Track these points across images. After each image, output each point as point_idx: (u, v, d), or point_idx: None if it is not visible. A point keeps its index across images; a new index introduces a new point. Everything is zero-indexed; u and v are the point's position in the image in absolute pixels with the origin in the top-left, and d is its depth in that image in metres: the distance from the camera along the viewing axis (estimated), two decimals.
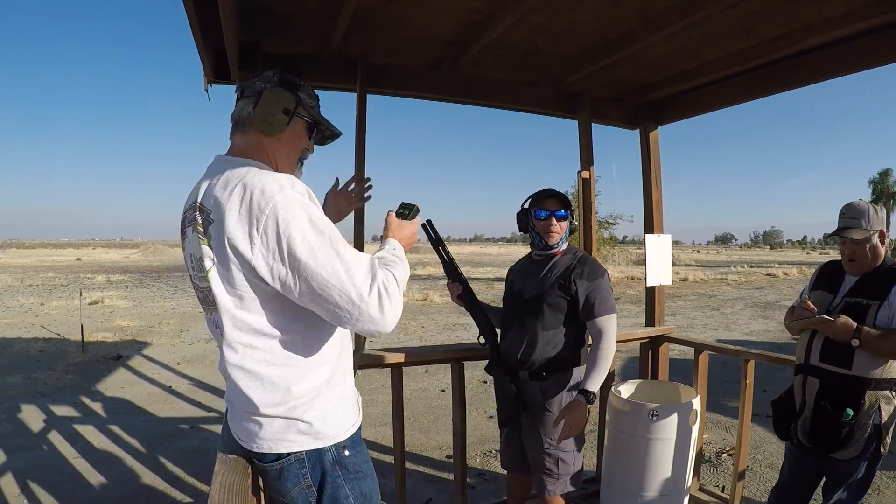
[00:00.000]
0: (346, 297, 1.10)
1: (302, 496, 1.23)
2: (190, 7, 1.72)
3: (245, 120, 1.26)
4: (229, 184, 1.15)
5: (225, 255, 1.13)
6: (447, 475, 3.48)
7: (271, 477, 1.24)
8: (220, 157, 1.27)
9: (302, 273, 1.10)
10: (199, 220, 1.18)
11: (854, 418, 1.84)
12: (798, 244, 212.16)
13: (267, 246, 1.10)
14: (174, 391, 5.72)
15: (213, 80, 2.45)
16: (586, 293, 2.05)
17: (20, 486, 3.32)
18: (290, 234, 1.09)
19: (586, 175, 3.04)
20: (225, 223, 1.11)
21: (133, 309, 12.64)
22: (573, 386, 2.07)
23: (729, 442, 4.10)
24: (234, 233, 1.11)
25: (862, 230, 1.92)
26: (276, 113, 1.23)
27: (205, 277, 1.18)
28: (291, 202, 1.11)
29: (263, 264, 1.11)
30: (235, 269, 1.13)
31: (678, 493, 2.43)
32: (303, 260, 1.09)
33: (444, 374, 3.48)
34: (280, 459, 1.22)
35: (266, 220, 1.09)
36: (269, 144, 1.27)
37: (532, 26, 2.25)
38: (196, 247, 1.19)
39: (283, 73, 1.28)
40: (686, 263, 39.87)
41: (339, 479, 1.25)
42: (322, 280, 1.10)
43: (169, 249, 49.02)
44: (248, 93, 1.27)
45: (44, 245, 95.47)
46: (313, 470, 1.23)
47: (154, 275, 24.51)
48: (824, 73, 2.42)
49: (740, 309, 13.68)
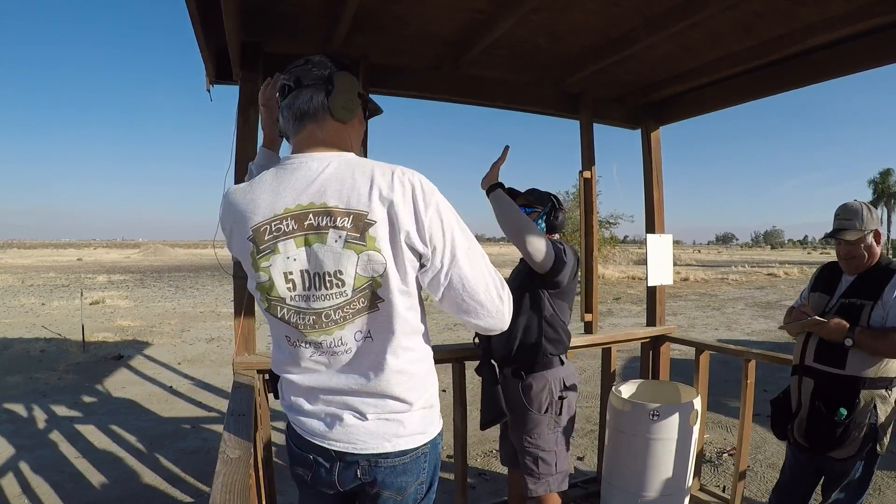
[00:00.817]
0: (490, 297, 1.15)
1: (418, 491, 1.23)
2: (192, 7, 1.72)
3: (317, 109, 1.16)
4: (376, 178, 1.07)
5: (400, 253, 1.08)
6: (448, 475, 3.47)
7: (391, 474, 1.19)
8: (313, 155, 1.14)
9: (457, 265, 1.11)
10: (342, 225, 1.07)
11: (848, 418, 1.86)
12: (799, 244, 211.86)
13: (436, 218, 1.09)
14: (175, 391, 5.73)
15: (215, 80, 2.45)
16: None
17: (21, 485, 3.32)
18: (453, 228, 1.11)
19: (588, 175, 3.04)
20: (398, 219, 1.06)
21: (134, 309, 12.65)
22: (552, 387, 2.11)
23: (730, 442, 4.10)
24: (408, 226, 1.07)
25: (856, 231, 1.94)
26: (353, 98, 1.18)
27: (349, 290, 1.09)
28: (444, 198, 1.13)
29: (421, 241, 1.08)
30: (410, 266, 1.10)
31: (679, 492, 2.43)
32: (459, 254, 1.11)
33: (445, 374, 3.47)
34: (406, 455, 1.18)
35: (431, 212, 1.08)
36: (346, 131, 1.20)
37: (533, 26, 2.25)
38: (330, 257, 1.08)
39: (335, 57, 1.21)
40: (687, 263, 39.84)
41: (437, 471, 1.28)
42: (473, 276, 1.13)
43: (169, 249, 49.07)
44: (307, 81, 1.16)
45: (45, 245, 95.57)
46: (428, 462, 1.23)
47: (155, 275, 24.53)
48: (826, 73, 2.42)
49: (741, 309, 13.67)
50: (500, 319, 1.19)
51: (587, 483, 3.10)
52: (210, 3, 1.76)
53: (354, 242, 1.07)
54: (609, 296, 16.18)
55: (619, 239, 25.27)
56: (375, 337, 1.13)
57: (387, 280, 1.08)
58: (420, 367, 1.20)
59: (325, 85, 1.15)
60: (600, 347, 3.10)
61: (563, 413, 2.13)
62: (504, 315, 1.19)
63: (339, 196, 1.07)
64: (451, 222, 1.11)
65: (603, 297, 15.63)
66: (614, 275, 22.44)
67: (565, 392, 2.12)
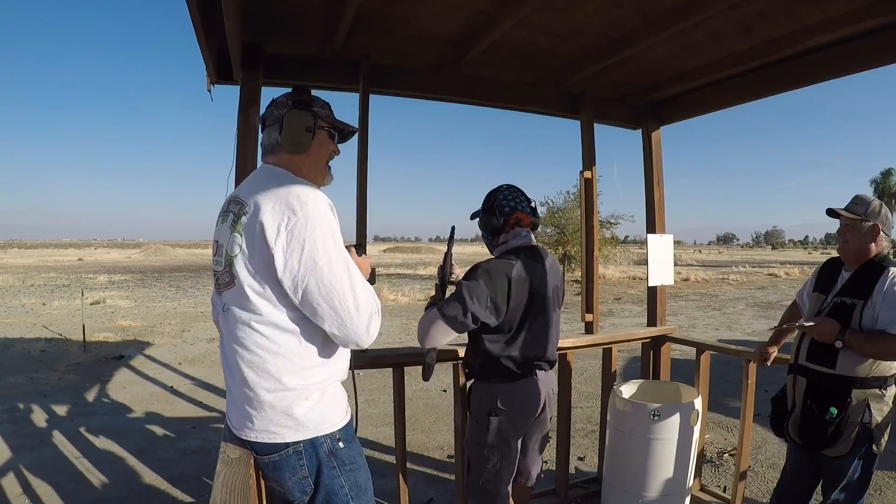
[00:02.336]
0: (344, 307, 1.26)
1: (298, 486, 1.31)
2: (193, 7, 1.72)
3: (275, 145, 1.40)
4: (269, 183, 1.30)
5: (253, 244, 1.25)
6: (448, 475, 3.48)
7: (269, 468, 1.32)
8: (264, 166, 1.42)
9: (315, 275, 1.23)
10: (233, 211, 1.31)
11: (839, 417, 1.87)
12: (800, 244, 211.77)
13: (289, 242, 1.23)
14: (176, 391, 5.73)
15: (216, 81, 2.46)
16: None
17: (22, 485, 3.33)
18: (315, 239, 1.23)
19: (588, 175, 3.04)
20: (259, 215, 1.24)
21: (135, 309, 12.65)
22: (480, 401, 2.04)
23: (730, 442, 4.10)
24: (266, 224, 1.23)
25: (854, 215, 1.95)
26: (300, 133, 1.37)
27: (224, 261, 1.31)
28: (321, 212, 1.26)
29: (281, 257, 1.23)
30: (260, 258, 1.25)
31: (679, 493, 2.43)
32: (319, 264, 1.24)
33: (446, 374, 3.46)
34: (277, 452, 1.29)
35: (297, 221, 1.23)
36: (299, 160, 1.40)
37: (534, 26, 2.25)
38: (225, 235, 1.32)
39: (295, 95, 1.41)
40: (688, 263, 39.84)
41: (334, 471, 1.33)
42: (330, 286, 1.25)
43: (171, 249, 49.12)
44: (269, 122, 1.41)
45: (45, 245, 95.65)
46: (310, 461, 1.31)
47: (156, 275, 24.55)
48: (826, 73, 2.42)
49: (742, 309, 13.66)
50: (357, 333, 1.29)
51: (588, 483, 3.10)
52: (211, 4, 1.76)
53: (233, 225, 1.30)
54: (610, 296, 16.18)
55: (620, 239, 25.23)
56: (230, 304, 1.30)
57: (240, 263, 1.27)
58: (269, 359, 1.28)
59: (278, 124, 1.38)
60: (601, 347, 3.10)
61: (489, 433, 1.99)
62: (360, 328, 1.29)
63: (246, 191, 1.32)
64: (315, 235, 1.23)
65: (604, 297, 15.63)
66: (615, 275, 22.45)
67: (492, 414, 1.99)
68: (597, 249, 3.13)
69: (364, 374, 6.16)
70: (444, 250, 2.20)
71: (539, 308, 2.00)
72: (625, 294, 16.73)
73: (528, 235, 2.06)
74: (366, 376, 6.13)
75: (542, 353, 2.03)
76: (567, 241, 20.86)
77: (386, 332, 9.78)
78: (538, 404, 2.02)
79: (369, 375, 6.12)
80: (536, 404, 2.02)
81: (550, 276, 2.04)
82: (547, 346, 2.05)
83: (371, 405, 5.17)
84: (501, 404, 1.98)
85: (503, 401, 1.99)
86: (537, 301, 1.99)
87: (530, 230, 2.08)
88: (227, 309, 1.31)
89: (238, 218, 1.29)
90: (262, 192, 1.27)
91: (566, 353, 2.83)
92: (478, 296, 1.86)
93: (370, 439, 4.21)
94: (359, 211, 2.45)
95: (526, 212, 2.06)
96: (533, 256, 2.01)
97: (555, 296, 2.08)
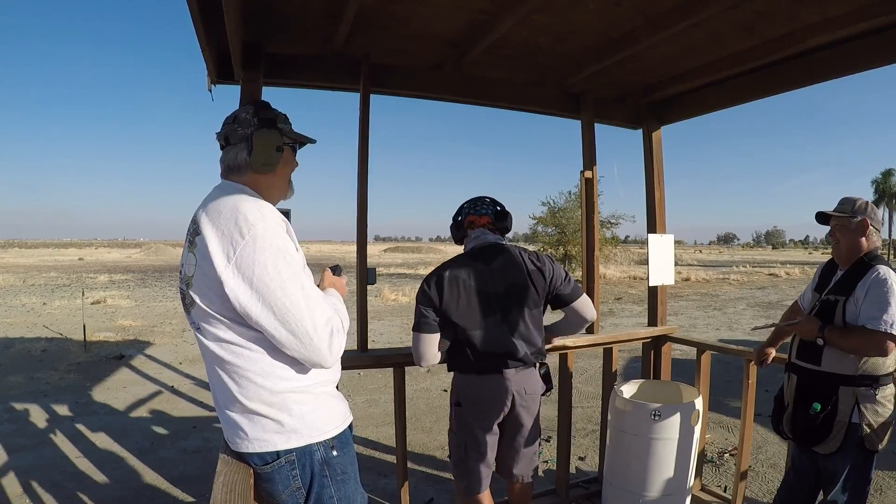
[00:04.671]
0: (301, 328, 1.21)
1: (292, 498, 1.28)
2: (193, 7, 1.72)
3: (241, 166, 1.34)
4: (220, 204, 1.26)
5: (203, 268, 1.23)
6: (449, 475, 3.48)
7: (262, 479, 1.28)
8: (223, 183, 1.36)
9: (266, 299, 1.19)
10: (190, 231, 1.29)
11: (823, 412, 1.89)
12: (800, 244, 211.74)
13: (238, 267, 1.19)
14: (176, 391, 5.74)
15: (217, 80, 2.46)
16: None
17: (22, 485, 3.33)
18: (265, 262, 1.19)
19: (589, 175, 3.04)
20: (207, 240, 1.21)
21: (135, 308, 12.66)
22: (452, 389, 2.17)
23: (731, 442, 4.10)
24: (214, 248, 1.20)
25: (840, 214, 1.99)
26: (272, 154, 1.34)
27: (184, 281, 1.29)
28: (270, 233, 1.22)
29: (232, 282, 1.19)
30: (211, 282, 1.21)
31: (680, 492, 2.43)
32: (271, 287, 1.19)
33: (446, 373, 3.47)
34: (269, 463, 1.26)
35: (244, 244, 1.19)
36: (266, 180, 1.37)
37: (535, 26, 2.25)
38: (185, 254, 1.30)
39: (261, 112, 1.36)
40: (688, 263, 39.83)
41: (325, 480, 1.30)
42: (284, 309, 1.20)
43: (171, 249, 49.11)
44: (234, 140, 1.34)
45: (46, 245, 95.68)
46: (303, 471, 1.28)
47: (156, 274, 24.56)
48: (827, 73, 2.42)
49: (742, 309, 13.66)
50: (317, 353, 1.24)
51: (588, 483, 3.10)
52: (212, 4, 1.76)
53: (189, 244, 1.29)
54: (610, 296, 16.18)
55: (621, 239, 25.26)
56: (201, 328, 1.28)
57: (196, 283, 1.25)
58: (250, 366, 1.25)
59: (245, 143, 1.33)
60: (602, 347, 3.10)
61: (454, 420, 2.14)
62: (321, 348, 1.23)
63: (202, 211, 1.28)
64: (265, 257, 1.19)
65: (604, 297, 15.63)
66: (616, 275, 22.46)
67: (456, 404, 2.12)
68: (597, 249, 3.12)
69: (364, 374, 6.17)
70: (444, 250, 2.24)
71: (490, 306, 2.02)
72: (625, 294, 16.73)
73: (485, 236, 2.12)
74: (366, 376, 6.13)
75: (505, 351, 2.02)
76: (568, 240, 20.88)
77: (386, 332, 9.79)
78: (502, 402, 2.02)
79: (369, 375, 6.13)
80: (500, 402, 2.02)
81: (503, 275, 2.04)
82: (510, 344, 2.02)
83: (371, 405, 5.18)
84: (461, 397, 2.09)
85: (462, 394, 2.08)
86: (487, 299, 2.02)
87: (489, 230, 2.13)
88: (198, 327, 1.29)
89: (192, 239, 1.27)
90: (212, 214, 1.24)
91: (567, 353, 2.83)
92: (421, 297, 2.03)
93: (371, 439, 4.21)
94: (359, 211, 2.45)
95: (480, 214, 2.15)
96: (482, 257, 2.07)
97: (517, 293, 2.04)
